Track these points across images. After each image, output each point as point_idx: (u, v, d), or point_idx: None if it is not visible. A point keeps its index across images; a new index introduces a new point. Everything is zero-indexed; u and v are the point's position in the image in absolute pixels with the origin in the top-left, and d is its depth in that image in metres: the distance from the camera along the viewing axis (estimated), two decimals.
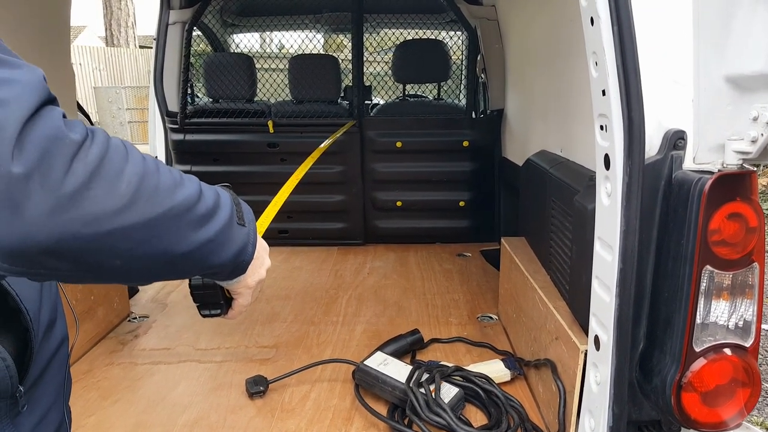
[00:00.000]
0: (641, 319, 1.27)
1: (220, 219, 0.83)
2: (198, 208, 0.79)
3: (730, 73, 1.13)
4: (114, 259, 0.70)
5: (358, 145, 3.61)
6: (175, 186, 0.76)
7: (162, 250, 0.74)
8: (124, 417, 1.82)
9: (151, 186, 0.71)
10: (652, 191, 1.21)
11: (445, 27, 4.22)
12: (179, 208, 0.75)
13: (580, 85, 1.77)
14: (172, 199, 0.74)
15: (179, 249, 0.76)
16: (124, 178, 0.68)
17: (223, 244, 0.85)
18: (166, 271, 0.79)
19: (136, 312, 2.65)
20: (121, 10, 17.27)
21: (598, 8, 1.18)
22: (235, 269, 0.92)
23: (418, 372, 1.83)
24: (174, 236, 0.75)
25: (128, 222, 0.68)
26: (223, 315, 1.08)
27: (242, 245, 0.90)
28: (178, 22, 3.56)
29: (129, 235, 0.69)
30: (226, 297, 1.06)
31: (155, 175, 0.73)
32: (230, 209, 0.87)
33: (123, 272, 0.73)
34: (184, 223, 0.76)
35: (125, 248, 0.70)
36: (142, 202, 0.69)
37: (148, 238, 0.71)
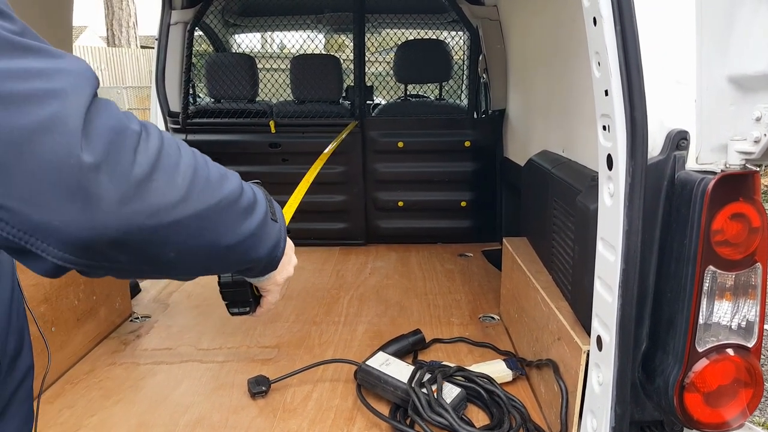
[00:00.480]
0: (644, 320, 1.27)
1: (259, 213, 0.84)
2: (241, 202, 0.80)
3: (733, 73, 1.13)
4: (169, 251, 0.70)
5: (359, 145, 3.61)
6: (222, 179, 0.77)
7: (211, 242, 0.75)
8: (127, 417, 1.82)
9: (203, 178, 0.73)
10: (654, 191, 1.21)
11: (446, 27, 4.22)
12: (226, 200, 0.76)
13: (582, 85, 1.77)
14: (221, 191, 0.75)
15: (225, 241, 0.77)
16: (180, 171, 0.69)
17: (262, 239, 0.86)
18: (213, 264, 0.80)
19: (138, 312, 2.65)
20: (123, 10, 17.29)
21: (600, 8, 1.18)
22: (268, 265, 0.93)
23: (420, 372, 1.83)
24: (222, 228, 0.76)
25: (185, 214, 0.69)
26: (251, 313, 1.09)
27: (276, 241, 0.91)
28: (180, 23, 3.57)
29: (185, 227, 0.69)
30: (254, 295, 1.07)
31: (205, 168, 0.74)
32: (266, 205, 0.88)
33: (175, 265, 0.73)
34: (230, 216, 0.77)
35: (180, 240, 0.70)
36: (195, 194, 0.70)
37: (201, 230, 0.72)
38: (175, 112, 3.59)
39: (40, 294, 1.95)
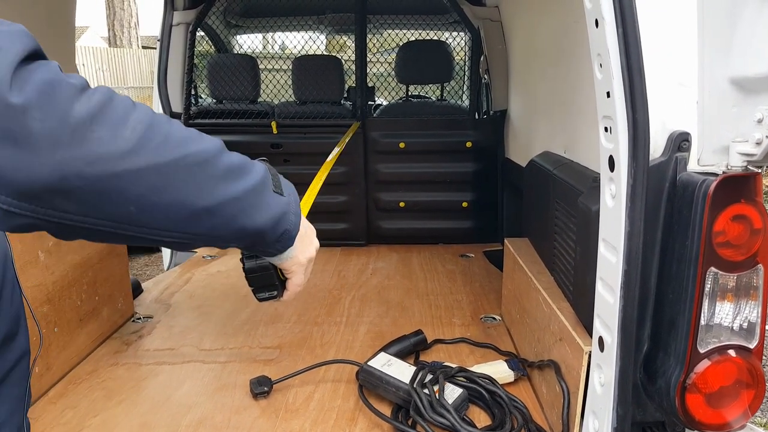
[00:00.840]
0: (645, 321, 1.27)
1: (249, 180, 0.85)
2: (218, 164, 0.81)
3: (735, 74, 1.13)
4: (127, 205, 0.71)
5: (361, 146, 3.61)
6: (189, 139, 0.78)
7: (180, 200, 0.76)
8: (129, 417, 1.82)
9: (160, 134, 0.74)
10: (656, 193, 1.21)
11: (448, 28, 4.23)
12: (194, 158, 0.77)
13: (584, 86, 1.77)
14: (185, 149, 0.76)
15: (201, 202, 0.78)
16: (129, 125, 0.71)
17: (255, 207, 0.86)
18: (192, 225, 0.80)
19: (140, 312, 2.65)
20: (124, 10, 17.30)
21: (602, 10, 1.18)
22: (279, 239, 0.94)
23: (421, 373, 1.83)
24: (192, 187, 0.77)
25: (134, 166, 0.70)
26: (279, 297, 1.10)
27: (281, 213, 0.91)
28: (182, 24, 3.57)
29: (137, 179, 0.71)
30: (280, 279, 1.07)
31: (165, 126, 0.76)
32: (263, 175, 0.89)
33: (143, 223, 0.74)
34: (203, 176, 0.78)
35: (136, 194, 0.72)
36: (150, 148, 0.72)
37: (162, 185, 0.73)
38: (177, 113, 3.60)
39: (43, 294, 1.96)
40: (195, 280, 3.09)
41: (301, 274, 1.07)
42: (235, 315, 2.62)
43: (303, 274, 1.07)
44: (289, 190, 0.97)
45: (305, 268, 1.07)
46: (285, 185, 0.96)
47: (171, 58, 3.58)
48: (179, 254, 3.63)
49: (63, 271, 2.09)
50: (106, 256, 2.42)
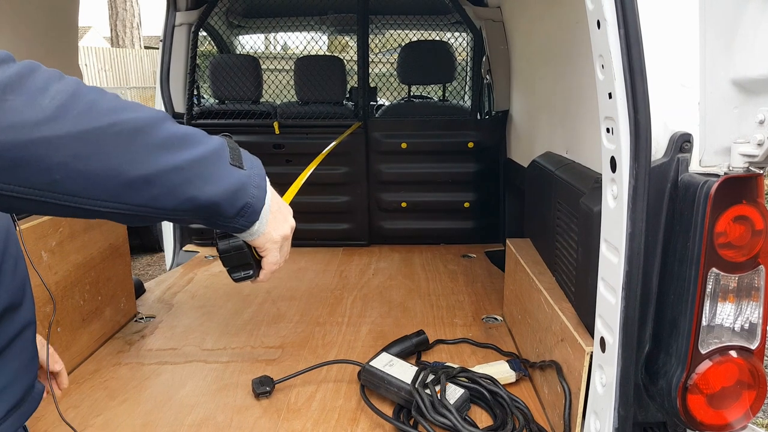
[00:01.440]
0: (647, 321, 1.27)
1: (195, 151, 0.84)
2: (155, 132, 0.80)
3: (737, 76, 1.13)
4: (50, 173, 0.72)
5: (363, 146, 3.62)
6: (120, 108, 0.78)
7: (110, 168, 0.76)
8: (132, 417, 1.83)
9: (83, 103, 0.74)
10: (658, 194, 1.21)
11: (450, 28, 4.23)
12: (123, 126, 0.77)
13: (586, 87, 1.78)
14: (113, 117, 0.76)
15: (135, 171, 0.78)
16: (48, 94, 0.72)
17: (205, 178, 0.85)
18: (130, 196, 0.79)
19: (142, 312, 2.66)
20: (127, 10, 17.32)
21: (604, 11, 1.18)
22: (241, 213, 0.92)
23: (423, 373, 1.83)
24: (123, 156, 0.76)
25: (52, 133, 0.71)
26: (254, 277, 1.09)
27: (238, 185, 0.90)
28: (185, 24, 3.58)
29: (57, 147, 0.71)
30: (255, 258, 1.07)
31: (91, 95, 0.76)
32: (215, 147, 0.88)
33: (74, 192, 0.75)
34: (136, 144, 0.78)
35: (57, 161, 0.72)
36: (71, 116, 0.72)
37: (86, 153, 0.74)
38: (180, 113, 3.61)
39: (45, 295, 1.96)
40: (197, 280, 3.10)
41: (276, 252, 1.05)
42: (238, 315, 2.62)
43: (278, 252, 1.06)
44: (252, 164, 0.96)
45: (279, 245, 1.05)
46: (247, 159, 0.95)
47: (173, 58, 3.58)
48: (182, 254, 3.64)
49: (66, 271, 2.10)
50: (109, 256, 2.43)
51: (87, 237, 2.26)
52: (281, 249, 1.06)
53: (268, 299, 2.81)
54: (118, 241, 2.52)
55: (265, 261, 1.07)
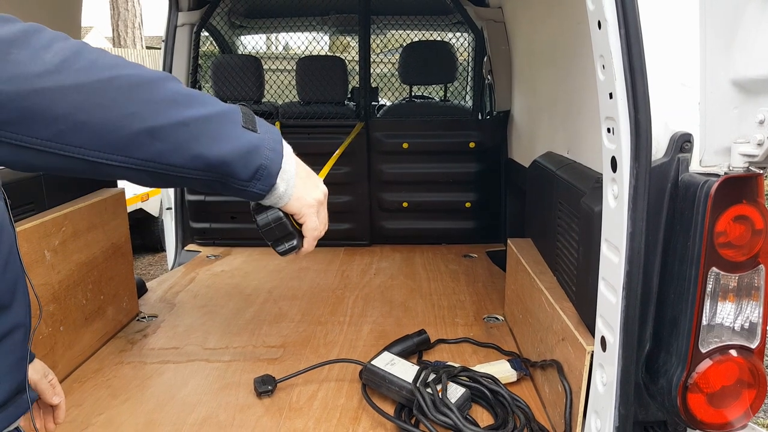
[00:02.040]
0: (647, 321, 1.28)
1: (203, 110, 0.86)
2: (160, 88, 0.83)
3: (737, 76, 1.14)
4: (55, 122, 0.75)
5: (364, 146, 3.63)
6: (124, 65, 0.81)
7: (114, 120, 0.79)
8: (134, 415, 1.84)
9: (86, 59, 0.78)
10: (658, 193, 1.22)
11: (451, 28, 4.24)
12: (126, 80, 0.80)
13: (587, 87, 1.78)
14: (115, 71, 0.79)
15: (138, 124, 0.80)
16: (52, 50, 0.76)
17: (213, 137, 0.87)
18: (135, 149, 0.82)
19: (144, 311, 2.67)
20: (128, 10, 17.34)
21: (605, 12, 1.19)
22: (256, 175, 0.93)
23: (424, 372, 1.84)
24: (126, 108, 0.79)
25: (54, 84, 0.75)
26: (299, 248, 1.09)
27: (249, 146, 0.91)
28: (187, 24, 3.59)
29: (60, 97, 0.75)
30: (295, 227, 1.06)
31: (95, 53, 0.79)
32: (226, 109, 0.90)
33: (79, 143, 0.78)
34: (139, 98, 0.81)
35: (62, 112, 0.75)
36: (72, 69, 0.76)
37: (89, 104, 0.77)
38: None
39: (49, 293, 1.97)
40: (199, 280, 3.10)
41: (314, 217, 1.06)
42: (239, 314, 2.63)
43: (315, 217, 1.06)
44: (268, 129, 0.96)
45: (316, 210, 1.06)
46: (262, 125, 0.95)
47: (176, 58, 3.59)
48: (183, 254, 3.65)
49: (69, 271, 2.11)
50: (111, 255, 2.44)
51: (90, 236, 2.27)
52: (318, 214, 1.07)
53: (270, 299, 2.82)
54: (120, 240, 2.53)
55: (306, 228, 1.07)
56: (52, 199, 2.13)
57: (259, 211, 1.04)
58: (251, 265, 3.36)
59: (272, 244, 1.08)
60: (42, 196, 2.08)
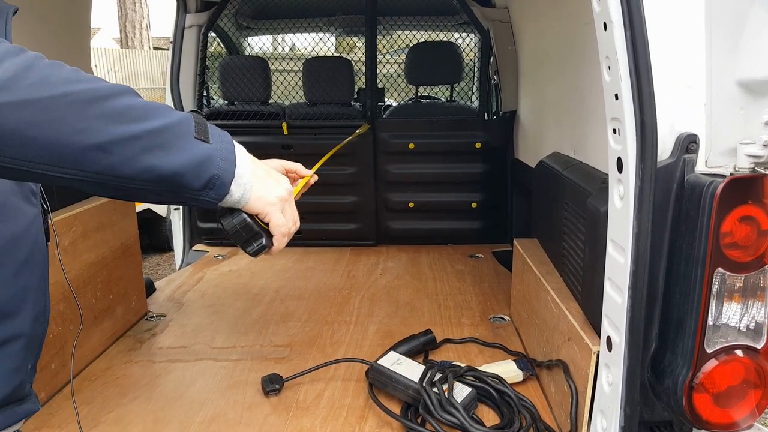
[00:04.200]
0: (653, 321, 1.28)
1: (155, 122, 0.86)
2: (112, 103, 0.83)
3: (742, 77, 1.14)
4: (4, 137, 0.76)
5: (370, 147, 3.64)
6: (77, 80, 0.81)
7: (65, 136, 0.79)
8: (143, 414, 1.86)
9: (36, 75, 0.78)
10: (664, 194, 1.22)
11: (457, 29, 4.24)
12: (77, 96, 0.80)
13: (593, 87, 1.78)
14: (67, 87, 0.80)
15: (90, 139, 0.80)
16: (2, 66, 0.76)
17: (165, 149, 0.87)
18: (86, 163, 0.82)
19: (153, 311, 2.69)
20: (136, 11, 17.42)
21: (611, 13, 1.19)
22: (209, 185, 0.93)
23: (431, 372, 1.85)
24: (77, 124, 0.80)
25: (3, 100, 0.75)
26: (269, 246, 1.09)
27: (202, 157, 0.91)
28: (194, 26, 3.61)
29: (9, 113, 0.75)
30: (261, 226, 1.07)
31: (46, 69, 0.80)
32: (177, 120, 0.90)
33: (30, 158, 0.78)
34: (90, 114, 0.81)
35: (12, 128, 0.76)
36: (22, 86, 0.76)
37: (37, 121, 0.77)
38: None
39: (59, 293, 1.99)
40: (207, 279, 3.12)
41: (278, 214, 1.06)
42: (247, 314, 2.65)
43: (280, 214, 1.06)
44: (219, 138, 0.96)
45: (279, 207, 1.06)
46: (214, 134, 0.96)
47: (183, 59, 3.61)
48: (191, 254, 3.67)
49: (78, 270, 2.13)
50: (120, 255, 2.46)
51: (99, 237, 2.29)
52: (284, 212, 1.07)
53: (277, 298, 2.84)
54: (129, 240, 2.55)
55: (272, 226, 1.07)
56: (62, 200, 2.15)
57: (224, 215, 1.04)
58: (258, 264, 3.38)
59: (241, 245, 1.08)
60: (51, 197, 2.10)
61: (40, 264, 1.11)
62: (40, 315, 1.11)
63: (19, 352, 1.07)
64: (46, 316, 1.15)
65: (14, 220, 1.05)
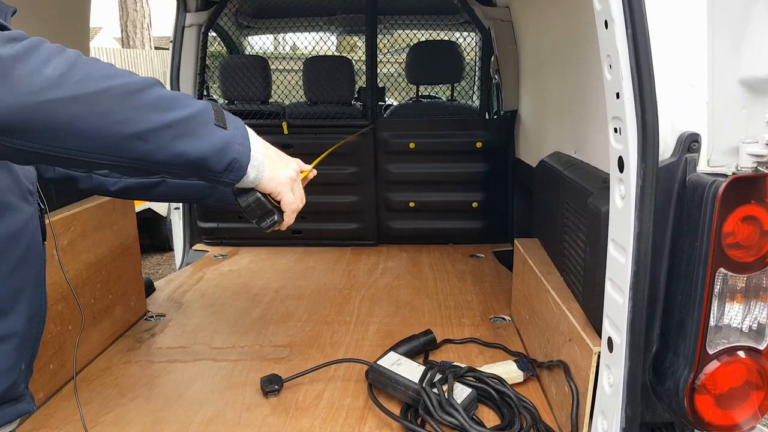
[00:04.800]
0: (654, 321, 1.27)
1: (182, 111, 0.94)
2: (146, 95, 0.90)
3: (745, 76, 1.13)
4: (55, 130, 0.83)
5: (371, 146, 3.63)
6: (114, 75, 0.88)
7: (108, 126, 0.86)
8: (142, 414, 1.85)
9: (81, 72, 0.85)
10: (666, 194, 1.21)
11: (458, 28, 4.23)
12: (118, 90, 0.87)
13: (595, 87, 1.77)
14: (108, 82, 0.86)
15: (129, 129, 0.88)
16: (51, 65, 0.82)
17: (192, 135, 0.95)
18: (126, 150, 0.89)
19: (152, 311, 2.68)
20: (137, 11, 17.41)
21: (612, 11, 1.18)
22: (229, 168, 1.02)
23: (431, 372, 1.84)
24: (119, 115, 0.87)
25: (54, 97, 0.81)
26: (280, 221, 1.19)
27: (222, 143, 0.99)
28: (194, 25, 3.60)
29: (60, 109, 0.82)
30: (273, 204, 1.17)
31: (89, 65, 0.86)
32: (200, 109, 0.97)
33: (77, 146, 0.86)
34: (129, 106, 0.88)
35: (62, 121, 0.82)
36: (70, 82, 0.83)
37: (86, 114, 0.84)
38: None
39: (57, 293, 1.98)
40: (207, 279, 3.12)
41: (288, 193, 1.15)
42: (246, 314, 2.64)
43: (290, 193, 1.16)
44: (235, 124, 1.04)
45: (290, 187, 1.16)
46: (231, 121, 1.03)
47: (183, 59, 3.60)
48: (191, 253, 3.67)
49: (77, 270, 2.12)
50: (120, 255, 2.45)
51: (98, 236, 2.29)
52: (294, 191, 1.17)
53: (277, 298, 2.83)
54: (128, 240, 2.54)
55: (283, 204, 1.17)
56: (61, 199, 2.15)
57: (240, 194, 1.14)
58: (258, 264, 3.37)
59: (256, 221, 1.18)
60: (51, 196, 2.09)
61: (36, 263, 1.11)
62: (35, 314, 1.11)
63: (12, 352, 1.07)
64: (42, 316, 1.15)
65: (10, 219, 1.06)
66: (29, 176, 1.16)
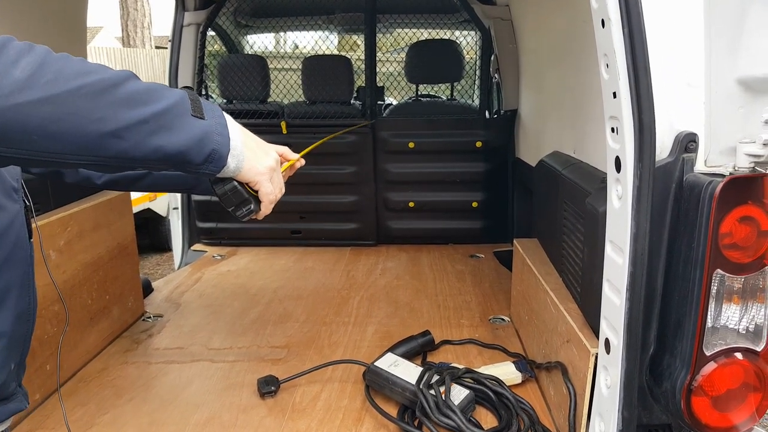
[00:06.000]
0: (651, 323, 1.26)
1: (159, 105, 0.91)
2: (119, 91, 0.87)
3: (742, 75, 1.12)
4: (29, 134, 0.80)
5: (370, 146, 3.62)
6: (86, 72, 0.85)
7: (82, 126, 0.83)
8: (138, 415, 1.84)
9: (51, 71, 0.81)
10: (662, 194, 1.20)
11: (458, 27, 4.22)
12: (90, 88, 0.84)
13: (594, 86, 1.76)
14: (80, 81, 0.83)
15: (105, 127, 0.85)
16: (19, 66, 0.79)
17: (169, 129, 0.92)
18: (102, 149, 0.86)
19: (150, 311, 2.68)
20: (138, 10, 17.42)
21: (609, 10, 1.17)
22: (209, 159, 0.99)
23: (428, 374, 1.83)
24: (93, 114, 0.84)
25: (25, 100, 0.78)
26: (256, 211, 1.16)
27: (201, 134, 0.96)
28: (193, 24, 3.60)
29: (31, 111, 0.79)
30: (251, 193, 1.14)
31: (58, 63, 0.83)
32: (175, 100, 0.94)
33: (53, 149, 0.83)
34: (103, 103, 0.85)
35: (34, 124, 0.79)
36: (40, 84, 0.79)
37: (58, 115, 0.81)
38: None
39: (54, 293, 1.97)
40: (205, 280, 3.11)
41: (267, 183, 1.12)
42: (244, 314, 2.63)
43: (269, 183, 1.13)
44: (213, 113, 1.01)
45: (268, 177, 1.12)
46: (208, 110, 1.00)
47: (182, 58, 3.60)
48: (190, 254, 3.66)
49: (74, 270, 2.12)
50: (117, 255, 2.44)
51: (95, 236, 2.28)
52: (272, 181, 1.14)
53: (275, 299, 2.82)
54: (126, 240, 2.54)
55: (261, 193, 1.14)
56: (58, 199, 2.14)
57: (216, 182, 1.12)
58: (257, 264, 3.37)
59: (231, 210, 1.15)
60: (47, 196, 2.09)
61: (22, 261, 1.10)
62: (23, 313, 1.11)
63: (0, 352, 1.06)
64: (31, 315, 1.14)
65: None
66: (14, 173, 1.14)
